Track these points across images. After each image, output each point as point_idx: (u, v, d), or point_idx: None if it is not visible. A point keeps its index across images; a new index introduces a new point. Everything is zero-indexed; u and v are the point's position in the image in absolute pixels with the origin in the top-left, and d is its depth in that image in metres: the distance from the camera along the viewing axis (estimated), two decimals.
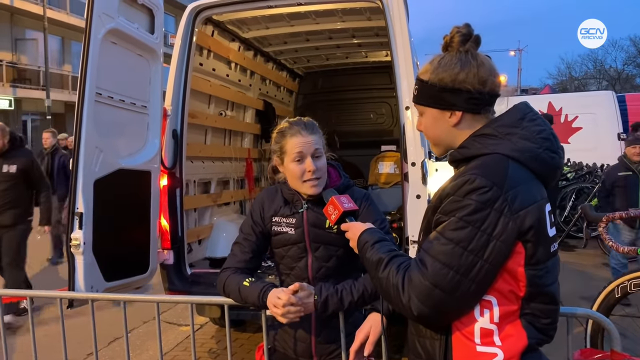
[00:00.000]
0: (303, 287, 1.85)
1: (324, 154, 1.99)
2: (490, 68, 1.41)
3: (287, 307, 1.77)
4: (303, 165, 1.92)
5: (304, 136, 1.93)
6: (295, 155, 1.93)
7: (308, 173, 1.92)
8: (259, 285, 1.88)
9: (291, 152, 1.94)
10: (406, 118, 3.46)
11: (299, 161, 1.93)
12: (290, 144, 1.94)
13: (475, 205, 1.27)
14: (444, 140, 1.47)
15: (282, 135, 1.98)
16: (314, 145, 1.94)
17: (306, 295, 1.84)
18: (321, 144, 1.97)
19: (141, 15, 3.61)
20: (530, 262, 1.30)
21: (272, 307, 1.81)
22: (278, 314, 1.79)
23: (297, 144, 1.93)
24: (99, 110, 3.17)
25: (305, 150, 1.92)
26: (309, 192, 1.96)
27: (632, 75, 38.46)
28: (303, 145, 1.92)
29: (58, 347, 2.34)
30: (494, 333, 1.32)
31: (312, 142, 1.93)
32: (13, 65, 22.09)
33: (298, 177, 1.94)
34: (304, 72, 7.14)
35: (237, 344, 4.66)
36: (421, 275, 1.30)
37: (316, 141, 1.95)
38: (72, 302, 2.90)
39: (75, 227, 3.06)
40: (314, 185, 1.93)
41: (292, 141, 1.93)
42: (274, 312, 1.81)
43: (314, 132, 1.97)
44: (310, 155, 1.93)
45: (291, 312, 1.78)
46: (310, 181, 1.93)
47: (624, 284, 3.41)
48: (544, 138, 1.37)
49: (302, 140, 1.93)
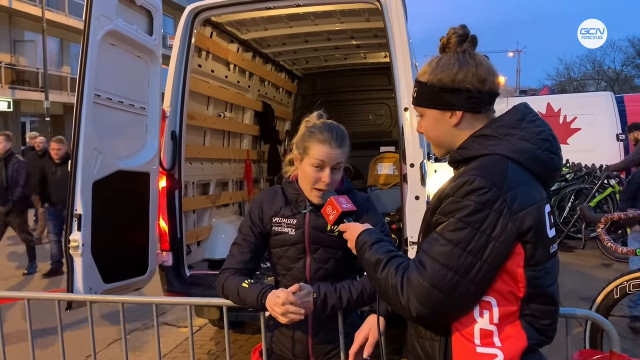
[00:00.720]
0: (302, 287, 1.85)
1: (342, 167, 1.98)
2: (488, 67, 1.41)
3: (287, 306, 1.77)
4: (320, 174, 1.91)
5: (332, 148, 1.91)
6: (316, 162, 1.91)
7: (322, 183, 1.91)
8: (257, 287, 1.88)
9: (313, 157, 1.92)
10: (405, 119, 3.46)
11: (318, 168, 1.92)
12: (315, 150, 1.92)
13: (475, 206, 1.27)
14: (445, 141, 1.47)
15: (311, 135, 1.94)
16: (337, 159, 1.92)
17: (305, 294, 1.84)
18: (344, 158, 1.96)
19: (140, 17, 3.61)
20: (530, 263, 1.30)
21: (271, 308, 1.80)
22: (278, 313, 1.78)
23: (322, 152, 1.90)
24: (97, 111, 3.17)
25: (327, 161, 1.91)
26: (314, 201, 1.96)
27: (630, 76, 38.53)
28: (327, 156, 1.90)
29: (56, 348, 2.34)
30: (494, 334, 1.32)
31: (336, 156, 1.92)
32: (12, 67, 22.09)
33: (310, 182, 1.94)
34: (302, 73, 7.14)
35: (235, 345, 4.66)
36: (420, 276, 1.30)
37: (340, 155, 1.93)
38: (70, 304, 2.90)
39: (74, 228, 3.06)
40: (320, 196, 1.93)
41: (318, 148, 1.91)
42: (273, 312, 1.80)
43: (342, 146, 1.94)
44: (331, 167, 1.92)
45: (290, 311, 1.77)
46: (319, 191, 1.93)
47: (622, 285, 3.40)
48: (543, 139, 1.37)
49: (329, 151, 1.90)
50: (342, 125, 2.03)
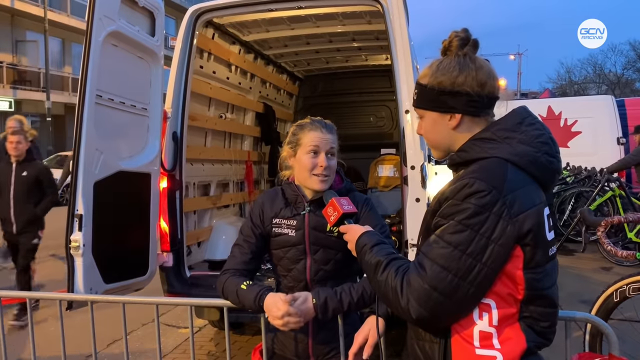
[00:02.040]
0: (296, 296, 1.84)
1: (336, 157, 2.03)
2: (488, 71, 1.42)
3: (286, 318, 1.78)
4: (316, 160, 1.96)
5: (323, 133, 1.99)
6: (311, 148, 1.97)
7: (319, 168, 1.95)
8: (255, 289, 1.88)
9: (307, 145, 1.97)
10: (406, 122, 3.47)
11: (313, 154, 1.97)
12: (309, 137, 1.98)
13: (474, 209, 1.27)
14: (443, 143, 1.48)
15: (301, 129, 2.03)
16: (330, 144, 1.99)
17: (301, 302, 1.83)
18: (336, 145, 2.02)
19: (142, 18, 3.62)
20: (529, 266, 1.31)
21: (272, 319, 1.81)
22: (279, 325, 1.80)
23: (315, 137, 1.98)
24: (99, 112, 3.18)
25: (321, 145, 1.97)
26: (316, 187, 1.97)
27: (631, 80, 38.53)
28: (321, 140, 1.97)
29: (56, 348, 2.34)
30: (493, 336, 1.32)
31: (329, 140, 1.99)
32: (13, 67, 22.13)
33: (308, 169, 1.96)
34: (304, 75, 7.15)
35: (235, 346, 4.65)
36: (420, 278, 1.30)
37: (333, 140, 2.01)
38: (71, 304, 2.90)
39: (75, 228, 3.06)
40: (323, 180, 1.96)
41: (311, 134, 1.98)
42: (274, 323, 1.81)
43: (332, 133, 2.03)
44: (325, 152, 1.97)
45: (291, 322, 1.78)
46: (319, 176, 1.96)
47: (622, 288, 3.40)
48: (542, 142, 1.38)
49: (321, 136, 1.98)
50: (342, 127, 2.06)
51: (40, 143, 23.47)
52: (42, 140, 23.22)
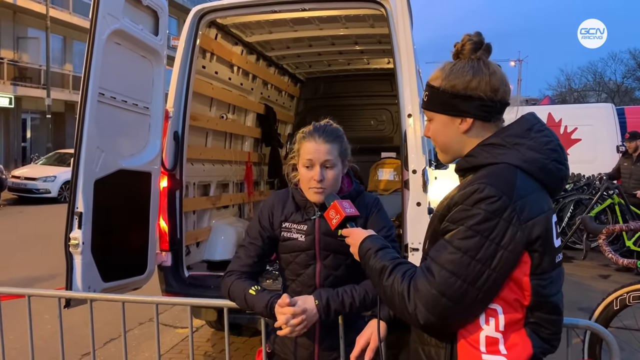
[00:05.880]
0: (294, 301, 1.81)
1: (340, 164, 1.95)
2: (501, 77, 1.41)
3: (292, 321, 1.76)
4: (310, 173, 1.91)
5: (318, 144, 1.90)
6: (305, 162, 1.91)
7: (313, 181, 1.90)
8: (265, 296, 1.85)
9: (303, 157, 1.93)
10: (408, 125, 3.45)
11: (308, 167, 1.91)
12: (304, 149, 1.92)
13: (484, 215, 1.26)
14: (452, 147, 1.47)
15: (302, 137, 1.96)
16: (325, 155, 1.89)
17: (302, 303, 1.81)
18: (335, 154, 1.92)
19: (146, 17, 3.61)
20: (536, 272, 1.30)
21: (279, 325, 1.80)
22: (286, 333, 1.78)
23: (309, 150, 1.90)
24: (101, 110, 3.17)
25: (315, 158, 1.89)
26: (312, 199, 1.94)
27: (631, 88, 38.67)
28: (313, 153, 1.89)
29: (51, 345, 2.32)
30: (500, 342, 1.31)
31: (324, 151, 1.89)
32: (14, 64, 22.11)
33: (304, 182, 1.93)
34: (305, 77, 7.16)
35: (233, 347, 4.64)
36: (428, 283, 1.29)
37: (330, 151, 1.90)
38: (69, 302, 2.89)
39: (75, 226, 3.05)
40: (317, 192, 1.91)
41: (305, 146, 1.92)
42: (281, 333, 1.80)
43: (332, 141, 1.92)
44: (320, 164, 1.90)
45: (296, 324, 1.77)
46: (313, 189, 1.91)
47: (622, 296, 3.40)
48: (551, 149, 1.37)
49: (314, 147, 1.90)
50: (343, 130, 2.02)
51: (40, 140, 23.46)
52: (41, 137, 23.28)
